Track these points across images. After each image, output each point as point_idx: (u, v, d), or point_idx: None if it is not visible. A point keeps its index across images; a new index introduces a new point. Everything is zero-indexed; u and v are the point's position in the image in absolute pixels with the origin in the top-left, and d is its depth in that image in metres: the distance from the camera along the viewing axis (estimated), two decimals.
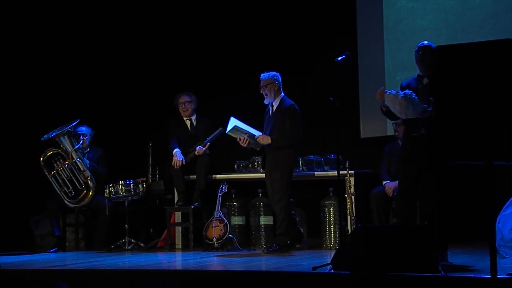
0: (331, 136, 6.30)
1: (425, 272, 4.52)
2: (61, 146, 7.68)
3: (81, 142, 7.74)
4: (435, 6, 7.76)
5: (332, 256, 5.03)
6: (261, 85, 6.99)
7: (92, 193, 7.66)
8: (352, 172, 7.01)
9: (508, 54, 3.86)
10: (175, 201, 7.72)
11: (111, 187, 7.68)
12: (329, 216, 7.36)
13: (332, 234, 7.33)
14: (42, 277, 5.61)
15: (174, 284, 4.70)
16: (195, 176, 7.67)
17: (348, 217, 6.81)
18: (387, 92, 5.68)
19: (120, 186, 7.68)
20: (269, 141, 6.90)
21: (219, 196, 7.42)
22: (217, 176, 7.74)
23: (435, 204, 5.75)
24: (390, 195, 6.94)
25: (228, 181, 7.62)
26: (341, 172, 5.96)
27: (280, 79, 7.02)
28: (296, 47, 8.35)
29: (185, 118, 7.87)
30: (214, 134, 7.73)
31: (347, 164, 6.88)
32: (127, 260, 6.63)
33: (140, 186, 7.75)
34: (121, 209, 7.80)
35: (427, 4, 7.81)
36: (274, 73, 7.03)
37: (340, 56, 5.88)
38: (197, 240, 7.54)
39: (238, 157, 7.97)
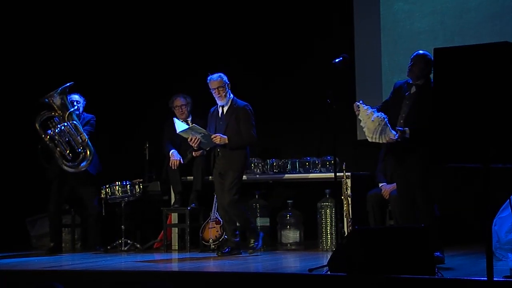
0: (328, 138, 6.30)
1: (422, 274, 4.52)
2: (56, 108, 7.42)
3: (76, 106, 7.49)
4: (432, 9, 7.77)
5: (329, 258, 5.03)
6: (213, 87, 6.87)
7: (91, 156, 7.42)
8: (349, 174, 7.01)
9: (505, 56, 3.86)
10: (172, 202, 7.72)
11: (107, 188, 7.67)
12: (326, 218, 7.36)
13: (329, 236, 7.33)
14: (38, 278, 5.60)
15: (170, 285, 4.70)
16: (191, 178, 7.67)
17: (345, 219, 6.81)
18: (364, 106, 5.75)
19: (117, 187, 7.66)
20: (226, 141, 6.80)
21: (216, 197, 7.42)
22: (209, 177, 7.72)
23: (431, 206, 5.77)
24: (387, 197, 6.94)
25: None
26: (337, 174, 5.95)
27: (227, 78, 6.94)
28: (293, 48, 8.36)
29: (181, 121, 7.86)
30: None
31: (343, 166, 6.88)
32: (123, 261, 6.63)
33: (136, 187, 7.75)
34: (117, 210, 7.80)
35: (424, 6, 7.82)
36: (222, 74, 6.92)
37: (337, 58, 5.88)
38: (193, 241, 7.54)
39: None
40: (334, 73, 5.80)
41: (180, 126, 6.96)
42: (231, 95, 6.96)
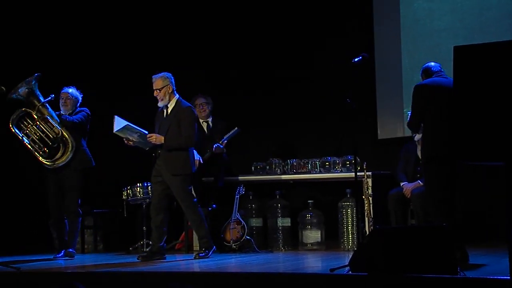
0: (348, 138, 6.28)
1: (444, 273, 4.49)
2: (27, 102, 6.98)
3: (50, 97, 6.99)
4: (452, 6, 7.73)
5: (350, 257, 5.01)
6: (154, 87, 6.70)
7: (70, 149, 6.98)
8: (370, 173, 6.99)
9: None
10: None
11: (128, 189, 7.71)
12: (347, 218, 7.34)
13: (350, 236, 7.31)
14: (61, 279, 5.64)
15: (191, 287, 4.71)
16: (212, 178, 7.68)
17: (366, 218, 6.79)
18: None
19: (138, 188, 7.70)
20: (162, 141, 6.62)
21: (237, 198, 7.44)
22: (235, 178, 7.74)
23: (455, 204, 5.73)
24: (408, 196, 6.91)
25: (246, 183, 7.63)
26: (358, 173, 5.93)
27: (173, 80, 6.74)
28: (312, 47, 8.35)
29: (201, 121, 7.88)
30: (231, 133, 7.74)
31: (364, 165, 6.86)
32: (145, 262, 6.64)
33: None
34: (138, 211, 7.83)
35: (444, 4, 7.78)
36: (166, 74, 6.76)
37: (357, 57, 5.86)
38: (214, 242, 7.54)
39: (255, 159, 7.98)
40: (354, 72, 5.78)
41: (117, 125, 6.69)
42: (176, 96, 6.78)
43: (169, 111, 6.76)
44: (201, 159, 7.59)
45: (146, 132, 6.69)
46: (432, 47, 7.69)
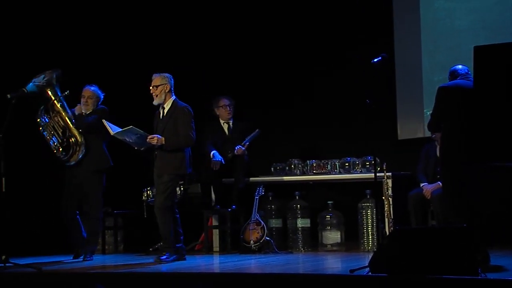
0: (368, 138, 6.27)
1: (464, 274, 4.47)
2: (41, 95, 6.93)
3: (66, 92, 6.91)
4: (473, 6, 7.68)
5: (370, 258, 5.00)
6: (151, 85, 6.68)
7: (80, 148, 6.90)
8: (390, 174, 6.96)
9: None
10: (213, 204, 7.75)
11: (148, 190, 7.74)
12: (367, 219, 7.32)
13: (370, 237, 7.29)
14: (82, 280, 5.68)
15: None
16: (232, 179, 7.69)
17: (386, 219, 6.76)
18: None
19: None
20: (163, 142, 6.55)
21: (256, 199, 7.44)
22: (254, 179, 7.75)
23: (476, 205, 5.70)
24: (428, 197, 6.88)
25: (265, 183, 7.64)
26: (378, 174, 5.92)
27: (172, 82, 6.70)
28: (333, 48, 8.34)
29: (222, 122, 7.89)
30: (252, 134, 7.75)
31: (384, 166, 6.84)
32: (165, 263, 6.66)
33: (177, 189, 7.78)
34: None
35: (464, 4, 7.73)
36: (166, 74, 6.74)
37: (376, 58, 5.84)
38: (234, 243, 7.56)
39: (275, 159, 7.98)
40: (374, 73, 5.77)
41: (113, 127, 6.66)
42: (173, 97, 6.71)
43: (165, 112, 6.70)
44: (223, 160, 7.60)
45: (146, 134, 6.60)
46: (452, 47, 7.64)
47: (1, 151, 6.39)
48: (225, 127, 7.90)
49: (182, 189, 7.85)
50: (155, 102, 6.69)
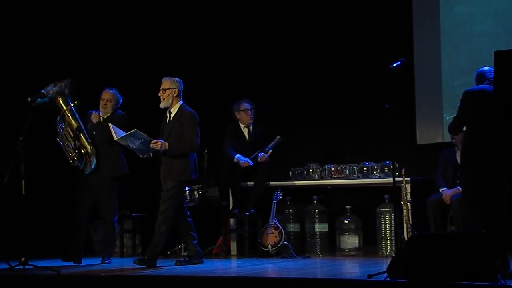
0: (387, 143, 6.24)
1: (484, 281, 4.43)
2: (52, 105, 6.89)
3: (75, 102, 6.88)
4: (493, 11, 7.62)
5: (388, 263, 4.97)
6: (161, 88, 6.66)
7: (91, 157, 6.87)
8: (408, 179, 6.93)
9: None
10: (230, 207, 7.75)
11: None
12: (385, 224, 7.29)
13: (388, 242, 7.26)
14: (100, 283, 5.70)
15: None
16: (249, 183, 7.68)
17: (405, 224, 6.74)
18: None
19: None
20: (167, 147, 6.53)
21: (274, 203, 7.43)
22: (272, 183, 7.74)
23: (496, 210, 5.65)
24: (448, 202, 6.84)
25: (283, 188, 7.63)
26: (397, 179, 5.89)
27: (181, 86, 6.70)
28: (351, 52, 8.32)
29: (243, 126, 7.88)
30: (274, 142, 7.75)
31: (403, 171, 6.81)
32: (183, 266, 6.67)
33: (195, 192, 7.82)
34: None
35: (485, 8, 7.67)
36: (176, 79, 6.71)
37: (396, 62, 5.82)
38: (252, 247, 7.55)
39: (293, 164, 7.97)
40: (393, 77, 5.74)
41: (118, 132, 6.65)
42: (181, 102, 6.71)
43: (172, 116, 6.69)
44: (250, 161, 7.58)
45: (150, 139, 6.56)
46: (472, 52, 7.59)
47: (22, 154, 6.44)
48: (245, 131, 7.90)
49: (199, 192, 7.86)
50: (162, 105, 6.68)
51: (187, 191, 7.78)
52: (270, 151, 7.68)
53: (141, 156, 6.71)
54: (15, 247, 6.35)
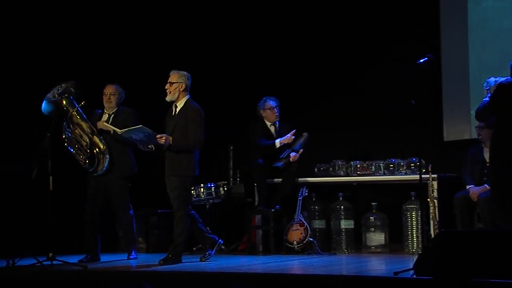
0: (413, 139, 6.20)
1: (511, 278, 4.39)
2: (59, 109, 6.83)
3: (82, 103, 6.81)
4: None
5: (414, 261, 4.95)
6: (168, 81, 6.59)
7: (104, 156, 6.81)
8: (435, 176, 6.89)
9: None
10: (256, 204, 7.76)
11: (192, 190, 7.78)
12: (411, 221, 7.25)
13: (414, 239, 7.22)
14: (127, 278, 5.74)
15: None
16: (275, 180, 7.67)
17: (431, 221, 6.70)
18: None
19: (201, 189, 7.78)
20: (171, 141, 6.45)
21: (300, 199, 7.43)
22: (298, 179, 7.73)
23: None
24: (475, 200, 6.78)
25: (309, 184, 7.62)
26: (423, 176, 5.85)
27: (189, 81, 6.63)
28: (377, 48, 8.26)
29: (269, 124, 7.86)
30: (303, 139, 7.74)
31: (429, 167, 6.76)
32: (208, 262, 6.70)
33: (221, 189, 7.83)
34: (202, 211, 7.89)
35: None
36: (185, 72, 6.62)
37: (423, 59, 5.78)
38: (277, 244, 7.55)
39: (318, 160, 7.95)
40: (420, 74, 5.71)
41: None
42: (187, 96, 6.63)
43: (177, 110, 6.62)
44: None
45: (155, 133, 6.49)
46: (500, 47, 7.51)
47: (49, 150, 6.49)
48: (272, 129, 7.87)
49: (225, 189, 7.88)
50: (168, 99, 6.61)
51: (213, 187, 7.80)
52: (302, 150, 7.67)
53: (142, 148, 6.63)
54: (43, 243, 6.42)
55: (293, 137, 7.62)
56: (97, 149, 6.82)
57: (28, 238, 6.71)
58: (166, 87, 6.60)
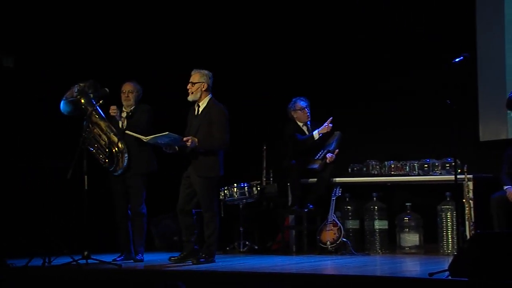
0: (448, 139, 6.13)
1: None
2: (78, 108, 6.83)
3: (101, 102, 6.75)
4: None
5: (450, 262, 4.90)
6: (189, 81, 6.54)
7: (123, 154, 6.74)
8: (471, 176, 6.81)
9: None
10: (289, 204, 7.75)
11: (226, 189, 7.80)
12: (447, 221, 7.19)
13: (450, 240, 7.15)
14: (162, 278, 5.78)
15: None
16: (312, 180, 7.64)
17: (467, 222, 6.63)
18: None
19: (235, 188, 7.79)
20: (197, 143, 6.39)
21: (333, 199, 7.41)
22: (332, 179, 7.69)
23: None
24: None
25: (342, 184, 7.59)
26: (458, 176, 5.80)
27: (211, 80, 6.57)
28: (412, 47, 8.20)
29: (301, 124, 7.83)
30: (336, 138, 7.72)
31: (465, 168, 6.68)
32: (242, 262, 6.71)
33: (254, 189, 7.84)
34: (236, 211, 7.91)
35: None
36: (206, 71, 6.57)
37: (458, 58, 5.72)
38: (311, 244, 7.54)
39: (352, 160, 7.91)
40: (455, 73, 5.65)
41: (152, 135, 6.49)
42: (210, 95, 6.57)
43: (200, 110, 6.57)
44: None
45: (180, 137, 6.45)
46: None
47: (84, 150, 6.55)
48: (304, 129, 7.85)
49: (258, 189, 7.88)
50: (190, 99, 6.57)
51: (246, 187, 7.81)
52: (337, 150, 7.64)
53: (167, 151, 6.56)
54: (78, 241, 6.48)
55: (330, 125, 7.56)
56: (116, 148, 6.78)
57: (64, 236, 6.77)
58: (188, 87, 6.57)
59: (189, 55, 8.74)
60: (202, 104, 6.59)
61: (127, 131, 6.72)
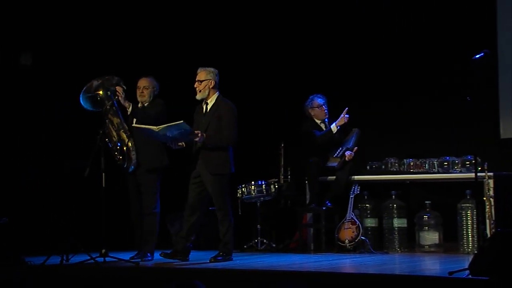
0: (468, 137, 6.08)
1: None
2: (96, 102, 6.80)
3: (117, 96, 6.71)
4: None
5: (470, 261, 4.85)
6: (196, 79, 6.50)
7: (131, 151, 6.70)
8: (491, 174, 6.73)
9: None
10: (307, 202, 7.71)
11: (243, 187, 7.79)
12: (467, 220, 7.11)
13: (470, 238, 7.08)
14: (179, 276, 5.77)
15: (305, 286, 4.70)
16: (331, 178, 7.60)
17: (487, 221, 6.56)
18: None
19: (252, 186, 7.77)
20: (205, 139, 6.35)
21: (351, 197, 7.37)
22: (350, 177, 7.65)
23: None
24: None
25: (361, 182, 7.54)
26: (479, 174, 5.73)
27: (217, 77, 6.53)
28: (433, 43, 8.13)
29: (319, 122, 7.80)
30: (355, 135, 7.67)
31: (485, 165, 6.61)
32: (259, 260, 6.69)
33: (272, 186, 7.81)
34: (253, 209, 7.89)
35: None
36: (212, 69, 6.52)
37: (478, 54, 5.66)
38: (329, 242, 7.50)
39: (370, 158, 7.86)
40: (475, 70, 5.59)
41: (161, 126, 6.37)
42: (217, 93, 6.53)
43: (208, 108, 6.54)
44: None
45: (192, 130, 6.38)
46: None
47: (102, 147, 6.55)
48: (322, 126, 7.80)
49: (276, 186, 7.85)
50: (198, 97, 6.55)
51: (264, 185, 7.78)
52: (356, 147, 7.60)
53: (173, 147, 6.51)
54: (96, 239, 6.49)
55: (347, 115, 7.51)
56: (125, 146, 6.75)
57: (81, 234, 6.78)
58: (195, 86, 6.54)
59: (204, 54, 8.72)
60: (211, 102, 6.56)
61: (133, 125, 6.69)
